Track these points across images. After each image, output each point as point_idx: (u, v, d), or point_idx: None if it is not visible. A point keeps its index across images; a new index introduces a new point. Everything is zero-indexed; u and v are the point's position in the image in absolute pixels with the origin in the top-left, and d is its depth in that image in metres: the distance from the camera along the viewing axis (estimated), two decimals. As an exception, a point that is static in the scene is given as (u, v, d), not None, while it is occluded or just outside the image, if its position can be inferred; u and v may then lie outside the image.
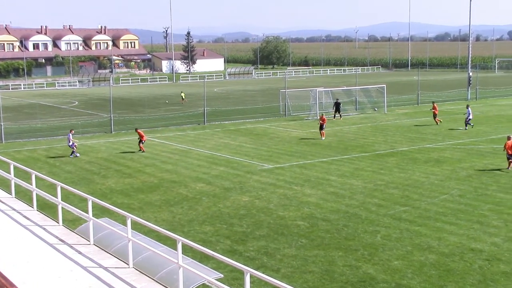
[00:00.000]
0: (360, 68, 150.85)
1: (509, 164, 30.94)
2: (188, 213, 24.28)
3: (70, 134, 37.77)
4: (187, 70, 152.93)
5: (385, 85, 62.31)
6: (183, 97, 75.41)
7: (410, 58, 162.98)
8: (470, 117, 46.25)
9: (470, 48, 76.54)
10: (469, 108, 46.56)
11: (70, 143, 37.58)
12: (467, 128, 45.96)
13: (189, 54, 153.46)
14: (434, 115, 49.17)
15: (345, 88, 70.41)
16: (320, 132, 43.12)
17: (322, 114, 45.09)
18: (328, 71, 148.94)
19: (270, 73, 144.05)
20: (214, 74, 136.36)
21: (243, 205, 25.41)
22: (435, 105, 49.71)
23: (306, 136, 44.55)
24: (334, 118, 53.28)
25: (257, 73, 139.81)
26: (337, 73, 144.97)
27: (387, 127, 48.38)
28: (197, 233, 21.60)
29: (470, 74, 73.98)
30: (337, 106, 53.98)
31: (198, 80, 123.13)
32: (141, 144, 38.74)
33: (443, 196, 26.19)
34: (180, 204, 25.73)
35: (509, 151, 30.86)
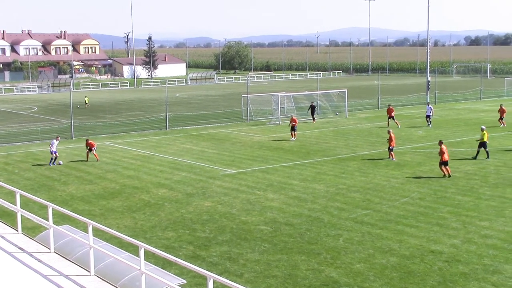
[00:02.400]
0: (321, 73, 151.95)
1: (446, 170, 30.90)
2: (151, 219, 24.12)
3: (55, 141, 36.76)
4: (149, 75, 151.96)
5: (346, 90, 62.92)
6: (86, 102, 76.60)
7: (370, 63, 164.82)
8: (430, 113, 49.90)
9: (428, 53, 77.79)
10: (429, 105, 50.71)
11: (53, 149, 36.20)
12: (429, 124, 49.51)
13: (150, 59, 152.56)
14: (393, 118, 50.83)
15: (307, 93, 70.84)
16: (291, 133, 44.49)
17: (292, 115, 46.51)
18: (290, 76, 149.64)
19: (232, 78, 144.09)
20: (176, 79, 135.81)
21: (205, 210, 25.34)
22: (391, 107, 51.49)
23: (268, 141, 44.67)
24: (313, 121, 53.94)
25: (219, 78, 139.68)
26: (298, 78, 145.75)
27: (348, 131, 48.82)
28: (160, 239, 21.45)
29: (429, 78, 75.20)
30: (312, 109, 54.39)
31: (159, 85, 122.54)
32: (94, 152, 37.23)
33: (404, 199, 26.54)
34: (142, 210, 25.53)
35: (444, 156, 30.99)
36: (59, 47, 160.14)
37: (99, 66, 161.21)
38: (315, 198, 26.97)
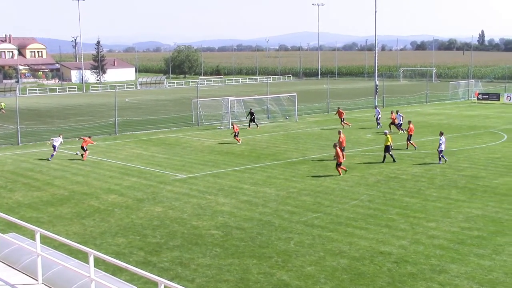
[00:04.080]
0: (271, 77, 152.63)
1: (341, 170, 32.48)
2: (100, 225, 23.79)
3: (59, 138, 40.04)
4: (97, 80, 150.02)
5: (296, 94, 63.40)
6: (2, 107, 74.73)
7: (319, 67, 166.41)
8: (379, 115, 52.22)
9: (376, 58, 79.05)
10: (377, 108, 53.20)
11: (56, 144, 39.23)
12: (379, 126, 51.22)
13: (99, 64, 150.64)
14: (341, 119, 52.57)
15: (257, 97, 71.07)
16: (236, 139, 44.79)
17: (233, 123, 47.34)
18: (240, 80, 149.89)
19: (182, 82, 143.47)
20: (125, 84, 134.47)
21: (156, 215, 25.15)
22: (340, 110, 53.24)
23: (219, 145, 44.62)
24: (248, 127, 53.53)
25: (169, 83, 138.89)
26: (248, 82, 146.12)
27: (298, 135, 49.16)
28: (110, 246, 21.18)
29: (377, 82, 76.33)
30: (251, 116, 54.40)
31: (108, 90, 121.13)
32: (85, 152, 39.24)
33: (353, 201, 26.86)
34: (91, 217, 25.17)
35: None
36: (4, 51, 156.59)
37: (46, 70, 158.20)
38: (266, 202, 27.05)
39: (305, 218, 24.24)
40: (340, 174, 32.27)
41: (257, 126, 53.94)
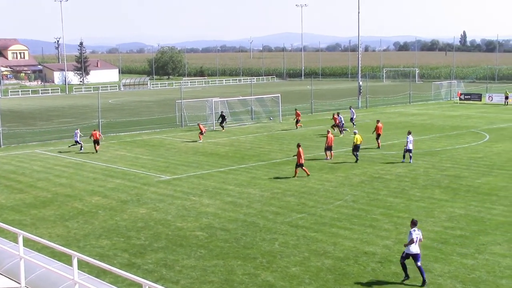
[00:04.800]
0: (255, 78, 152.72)
1: (298, 171, 32.69)
2: (84, 228, 23.66)
3: (78, 132, 43.34)
4: (81, 81, 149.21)
5: (279, 95, 63.50)
6: None
7: (303, 68, 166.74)
8: (353, 116, 53.68)
9: (359, 58, 79.37)
10: (352, 109, 55.09)
11: (77, 139, 42.89)
12: (354, 125, 52.43)
13: (82, 65, 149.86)
14: (297, 121, 53.67)
15: (241, 98, 71.04)
16: (199, 136, 47.15)
17: (198, 124, 49.03)
18: (224, 81, 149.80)
19: (165, 83, 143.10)
20: (109, 85, 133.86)
21: (140, 217, 25.06)
22: (298, 112, 54.53)
23: (203, 146, 44.55)
24: (223, 129, 53.37)
25: (152, 84, 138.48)
26: (232, 83, 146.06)
27: (282, 135, 49.21)
28: (94, 248, 21.07)
29: (360, 83, 76.64)
30: (222, 118, 54.08)
31: (92, 92, 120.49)
32: (96, 145, 42.56)
33: (338, 202, 26.93)
34: (75, 219, 25.02)
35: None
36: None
37: (29, 72, 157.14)
38: (251, 203, 27.05)
39: (289, 219, 24.27)
40: (295, 175, 32.17)
41: (223, 129, 53.50)
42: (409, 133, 36.51)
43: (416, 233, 17.42)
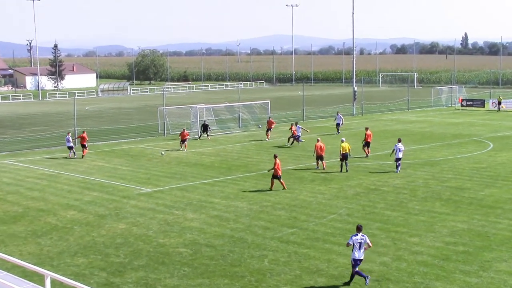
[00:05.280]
0: (242, 83, 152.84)
1: (278, 184, 32.57)
2: (58, 245, 23.50)
3: (70, 136, 44.88)
4: (55, 87, 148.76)
5: (269, 101, 63.58)
6: None
7: (294, 72, 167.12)
8: (340, 122, 55.13)
9: (354, 62, 79.58)
10: (339, 114, 56.13)
11: (70, 145, 44.55)
12: (339, 132, 53.96)
13: (56, 69, 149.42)
14: (268, 129, 53.11)
15: (228, 104, 71.04)
16: (181, 145, 47.46)
17: (184, 129, 48.53)
18: (209, 87, 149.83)
19: (147, 89, 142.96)
20: (85, 91, 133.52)
21: (119, 233, 24.93)
22: (271, 120, 53.96)
23: (187, 156, 44.47)
24: (199, 138, 53.31)
25: (132, 90, 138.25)
26: (218, 89, 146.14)
27: (272, 145, 49.20)
28: (69, 266, 20.93)
29: (355, 88, 76.84)
30: (204, 127, 54.01)
31: (67, 98, 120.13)
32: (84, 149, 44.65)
33: (331, 216, 26.92)
34: (48, 235, 24.86)
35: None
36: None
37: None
38: (238, 217, 26.99)
39: (280, 234, 24.22)
40: (271, 188, 32.08)
41: (208, 137, 53.45)
42: (399, 140, 37.05)
43: (358, 239, 18.76)
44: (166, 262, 21.20)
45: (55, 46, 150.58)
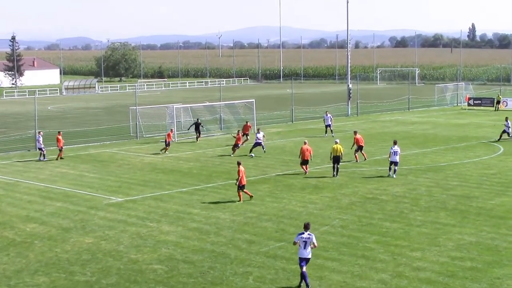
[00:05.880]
0: (224, 80, 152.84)
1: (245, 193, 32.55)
2: (16, 262, 23.37)
3: (40, 137, 45.60)
4: (13, 84, 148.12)
5: (254, 100, 63.61)
6: None
7: (282, 67, 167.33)
8: (330, 122, 55.71)
9: (349, 56, 79.70)
10: (328, 115, 56.44)
11: (41, 146, 45.37)
12: (332, 134, 54.15)
13: (14, 64, 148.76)
14: (244, 134, 52.07)
15: (208, 104, 71.03)
16: (166, 148, 47.88)
17: (171, 130, 49.80)
18: (187, 84, 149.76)
19: (117, 87, 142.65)
20: (48, 89, 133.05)
21: (86, 248, 24.83)
22: (248, 124, 52.88)
23: (162, 162, 44.39)
24: (197, 140, 53.40)
25: (101, 87, 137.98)
26: (198, 87, 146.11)
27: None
28: (28, 286, 20.83)
29: (350, 86, 76.97)
30: (196, 126, 53.94)
31: (27, 96, 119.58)
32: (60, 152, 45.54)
33: (323, 227, 26.94)
34: (5, 251, 24.71)
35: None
36: None
37: None
38: (219, 230, 26.96)
39: (266, 249, 24.21)
40: (240, 200, 32.01)
41: (197, 139, 53.49)
42: (395, 143, 37.53)
43: (304, 237, 20.24)
44: (138, 281, 21.13)
45: (13, 38, 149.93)
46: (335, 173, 37.35)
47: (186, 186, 35.90)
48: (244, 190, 32.16)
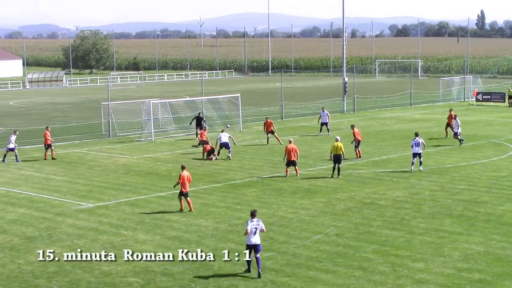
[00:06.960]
0: (207, 72, 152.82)
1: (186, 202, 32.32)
2: (-25, 274, 23.32)
3: (14, 136, 45.97)
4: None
5: (239, 95, 63.52)
6: None
7: (270, 59, 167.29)
8: (327, 120, 55.63)
9: (344, 47, 79.75)
10: (325, 111, 56.25)
11: (12, 146, 45.44)
12: (329, 134, 54.12)
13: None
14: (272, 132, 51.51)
15: (188, 99, 71.01)
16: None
17: (205, 128, 49.54)
18: (165, 77, 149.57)
19: (87, 80, 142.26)
20: (9, 82, 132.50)
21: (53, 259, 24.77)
22: (269, 120, 52.03)
23: (138, 163, 44.34)
24: (196, 137, 52.69)
25: (69, 80, 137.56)
26: (177, 80, 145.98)
27: (243, 149, 49.20)
28: (-11, 301, 20.79)
29: (346, 79, 76.96)
30: (198, 121, 53.21)
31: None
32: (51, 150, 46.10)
33: (317, 236, 27.00)
34: (-37, 262, 24.64)
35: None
36: None
37: None
38: (201, 238, 26.98)
39: (253, 259, 24.24)
40: (181, 209, 31.51)
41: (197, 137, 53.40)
42: (416, 134, 39.57)
43: (254, 224, 22.40)
44: (111, 295, 21.12)
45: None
46: (335, 173, 37.46)
47: (164, 190, 35.88)
48: (187, 199, 31.34)
